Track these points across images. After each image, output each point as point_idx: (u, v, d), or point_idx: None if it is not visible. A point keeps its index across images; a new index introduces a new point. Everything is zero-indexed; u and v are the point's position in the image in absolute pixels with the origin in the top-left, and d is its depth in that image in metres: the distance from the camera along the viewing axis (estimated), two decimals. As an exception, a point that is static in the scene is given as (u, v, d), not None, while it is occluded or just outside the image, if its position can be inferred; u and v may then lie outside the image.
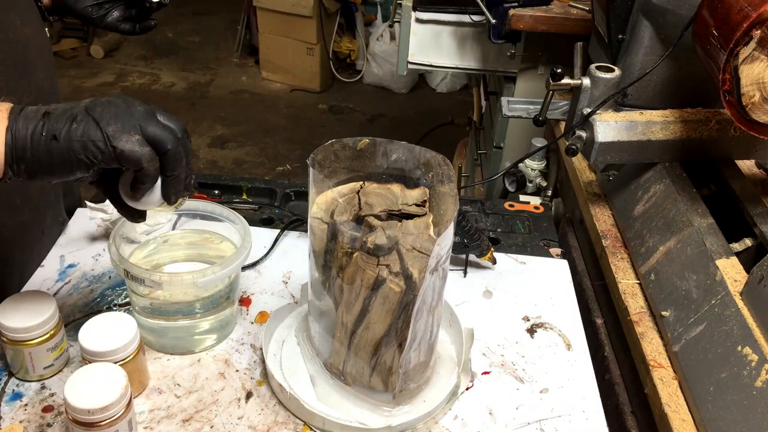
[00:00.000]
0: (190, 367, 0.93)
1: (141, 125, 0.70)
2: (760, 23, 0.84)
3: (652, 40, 1.13)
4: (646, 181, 1.15)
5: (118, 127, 0.69)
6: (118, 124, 0.69)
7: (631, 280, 1.07)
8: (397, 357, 0.81)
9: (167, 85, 4.42)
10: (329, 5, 4.27)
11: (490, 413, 0.89)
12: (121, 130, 0.69)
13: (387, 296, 0.76)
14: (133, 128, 0.70)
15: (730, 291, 0.87)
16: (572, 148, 1.13)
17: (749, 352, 0.80)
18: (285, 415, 0.87)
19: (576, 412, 0.90)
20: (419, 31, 1.91)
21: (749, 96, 0.88)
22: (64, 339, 0.89)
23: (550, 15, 1.66)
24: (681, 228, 1.01)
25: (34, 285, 1.04)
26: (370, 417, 0.85)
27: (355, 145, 0.84)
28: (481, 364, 0.97)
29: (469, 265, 1.13)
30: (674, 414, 0.85)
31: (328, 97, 4.44)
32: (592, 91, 1.11)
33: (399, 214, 0.81)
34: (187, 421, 0.85)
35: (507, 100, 1.57)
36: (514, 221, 1.28)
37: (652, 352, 0.94)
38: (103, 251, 1.11)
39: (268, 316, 1.01)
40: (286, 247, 1.17)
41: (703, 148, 1.11)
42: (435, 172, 0.83)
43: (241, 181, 1.31)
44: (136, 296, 0.93)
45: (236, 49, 4.80)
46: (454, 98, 4.47)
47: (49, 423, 0.84)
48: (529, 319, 1.05)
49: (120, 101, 0.71)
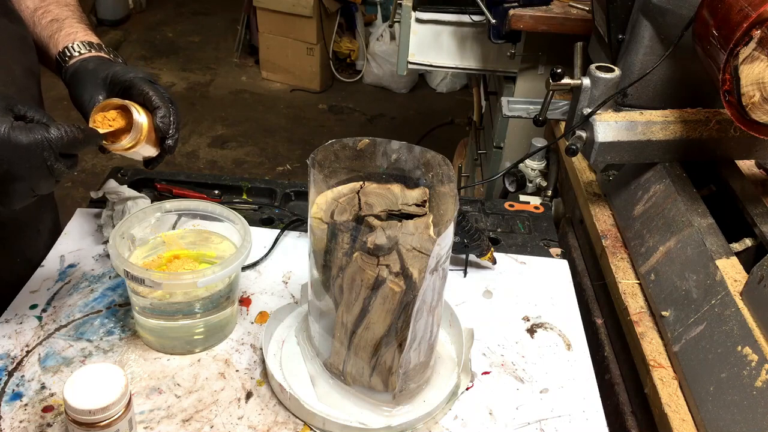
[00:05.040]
0: (190, 367, 0.93)
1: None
2: (760, 23, 0.84)
3: (652, 40, 1.13)
4: (646, 181, 1.15)
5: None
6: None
7: (631, 280, 1.07)
8: (397, 357, 0.81)
9: (167, 85, 4.41)
10: (329, 5, 4.28)
11: (490, 413, 0.89)
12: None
13: (387, 296, 0.76)
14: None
15: (730, 291, 0.87)
16: (572, 148, 1.13)
17: (749, 352, 0.80)
18: (285, 415, 0.87)
19: (576, 412, 0.90)
20: (419, 31, 1.91)
21: (749, 96, 0.88)
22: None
23: (550, 15, 1.66)
24: (681, 228, 1.01)
25: (34, 285, 1.04)
26: (370, 417, 0.85)
27: (355, 145, 0.84)
28: (481, 364, 0.97)
29: (469, 265, 1.13)
30: (674, 414, 0.85)
31: (328, 97, 4.44)
32: (592, 91, 1.11)
33: (399, 214, 0.81)
34: (187, 421, 0.85)
35: (507, 100, 1.57)
36: (514, 221, 1.28)
37: (652, 352, 0.94)
38: (103, 251, 1.11)
39: (268, 316, 1.01)
40: (286, 247, 1.17)
41: (703, 148, 1.11)
42: (435, 172, 0.83)
43: (241, 181, 1.31)
44: (136, 296, 0.93)
45: (236, 49, 4.80)
46: (454, 98, 4.47)
47: (49, 423, 0.84)
48: (529, 319, 1.05)
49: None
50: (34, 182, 0.78)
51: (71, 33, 1.02)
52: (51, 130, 0.76)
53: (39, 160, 0.76)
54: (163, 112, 0.91)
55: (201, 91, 4.38)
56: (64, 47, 1.00)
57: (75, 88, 0.96)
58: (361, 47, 4.59)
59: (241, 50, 4.80)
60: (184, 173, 1.33)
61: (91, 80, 0.95)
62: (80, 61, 0.99)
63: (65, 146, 0.78)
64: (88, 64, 0.98)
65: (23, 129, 0.75)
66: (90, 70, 0.96)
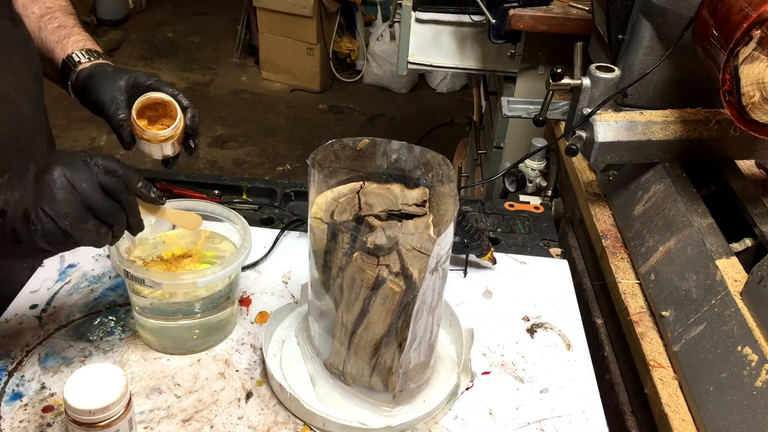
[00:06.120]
0: (190, 367, 0.93)
1: (90, 205, 0.74)
2: (760, 23, 0.84)
3: (652, 40, 1.13)
4: (646, 181, 1.15)
5: (72, 220, 0.73)
6: (72, 214, 0.72)
7: (631, 280, 1.07)
8: (397, 357, 0.81)
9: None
10: (329, 5, 4.27)
11: (490, 413, 0.89)
12: (75, 220, 0.73)
13: (387, 296, 0.76)
14: (84, 215, 0.73)
15: (730, 291, 0.87)
16: (572, 148, 1.13)
17: (749, 352, 0.80)
18: (285, 415, 0.87)
19: (576, 412, 0.90)
20: (419, 31, 1.91)
21: (749, 96, 0.88)
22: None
23: (550, 15, 1.66)
24: (681, 228, 1.01)
25: (34, 285, 1.04)
26: (370, 417, 0.85)
27: (355, 145, 0.84)
28: (481, 364, 0.97)
29: (469, 265, 1.13)
30: (674, 414, 0.85)
31: (328, 97, 4.44)
32: (592, 91, 1.11)
33: (399, 214, 0.81)
34: (187, 421, 0.85)
35: (507, 100, 1.57)
36: (514, 221, 1.28)
37: (652, 352, 0.94)
38: (103, 251, 1.11)
39: (268, 316, 1.01)
40: (286, 247, 1.17)
41: (703, 148, 1.11)
42: (435, 172, 0.83)
43: (241, 181, 1.31)
44: (136, 296, 0.93)
45: (236, 49, 4.80)
46: (454, 98, 4.47)
47: (49, 423, 0.84)
48: (529, 319, 1.05)
49: (64, 182, 0.73)
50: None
51: (80, 40, 1.05)
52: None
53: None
54: (193, 113, 0.98)
55: (201, 91, 4.38)
56: (73, 52, 1.02)
57: (92, 90, 0.98)
58: (361, 47, 4.59)
59: (241, 50, 4.80)
60: (184, 173, 1.33)
61: (110, 83, 0.97)
62: (95, 66, 1.00)
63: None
64: (106, 68, 1.00)
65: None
66: (109, 74, 0.99)
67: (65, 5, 1.11)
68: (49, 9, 1.08)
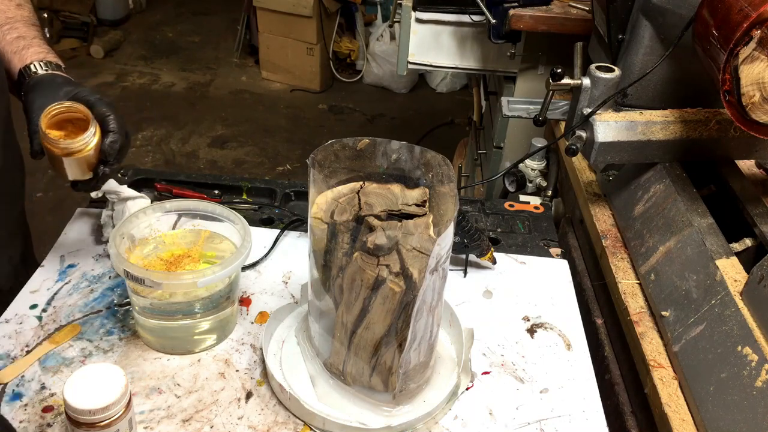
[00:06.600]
0: (190, 367, 0.93)
1: None
2: (760, 23, 0.84)
3: (652, 40, 1.13)
4: (646, 181, 1.15)
5: None
6: None
7: (631, 280, 1.07)
8: (397, 357, 0.81)
9: (167, 85, 4.42)
10: (329, 5, 4.27)
11: (490, 413, 0.89)
12: None
13: (387, 296, 0.76)
14: None
15: (730, 291, 0.87)
16: (572, 148, 1.13)
17: (749, 352, 0.80)
18: (285, 415, 0.87)
19: (576, 412, 0.90)
20: (419, 31, 1.91)
21: (749, 96, 0.88)
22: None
23: (550, 15, 1.66)
24: (681, 228, 1.01)
25: (34, 285, 1.04)
26: (370, 417, 0.85)
27: (355, 145, 0.84)
28: (481, 364, 0.97)
29: (469, 265, 1.13)
30: (674, 414, 0.85)
31: (328, 97, 4.44)
32: (592, 91, 1.11)
33: (399, 214, 0.81)
34: (187, 421, 0.85)
35: (507, 100, 1.57)
36: (514, 221, 1.28)
37: (652, 352, 0.94)
38: (103, 251, 1.11)
39: (268, 316, 1.01)
40: (286, 247, 1.17)
41: (703, 148, 1.11)
42: (435, 172, 0.83)
43: (241, 181, 1.31)
44: (136, 296, 0.93)
45: (236, 49, 4.80)
46: (454, 98, 4.47)
47: (49, 423, 0.84)
48: (529, 319, 1.05)
49: None
50: None
51: (40, 52, 1.02)
52: None
53: None
54: (114, 138, 0.91)
55: (201, 91, 4.38)
56: (31, 62, 0.99)
57: (31, 93, 0.95)
58: (361, 47, 4.59)
59: (241, 50, 4.80)
60: (184, 173, 1.33)
61: (51, 91, 0.94)
62: (47, 75, 0.98)
63: None
64: (56, 78, 0.97)
65: None
66: (56, 83, 0.96)
67: (28, 16, 1.08)
68: (10, 19, 1.05)
